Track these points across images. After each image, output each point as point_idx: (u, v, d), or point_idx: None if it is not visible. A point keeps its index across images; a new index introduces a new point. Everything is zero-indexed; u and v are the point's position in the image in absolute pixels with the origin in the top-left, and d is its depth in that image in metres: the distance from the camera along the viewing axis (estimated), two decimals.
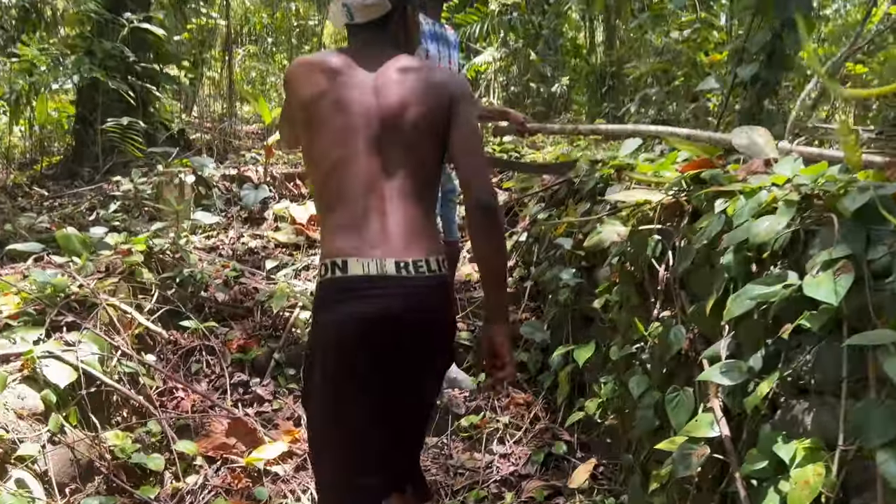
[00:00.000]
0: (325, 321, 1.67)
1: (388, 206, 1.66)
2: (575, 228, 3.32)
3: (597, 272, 3.18)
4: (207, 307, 3.82)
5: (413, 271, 1.62)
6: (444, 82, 1.77)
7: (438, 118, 1.72)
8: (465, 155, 1.72)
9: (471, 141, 1.74)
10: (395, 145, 1.69)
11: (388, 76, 1.73)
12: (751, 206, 2.05)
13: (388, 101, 1.70)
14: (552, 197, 3.92)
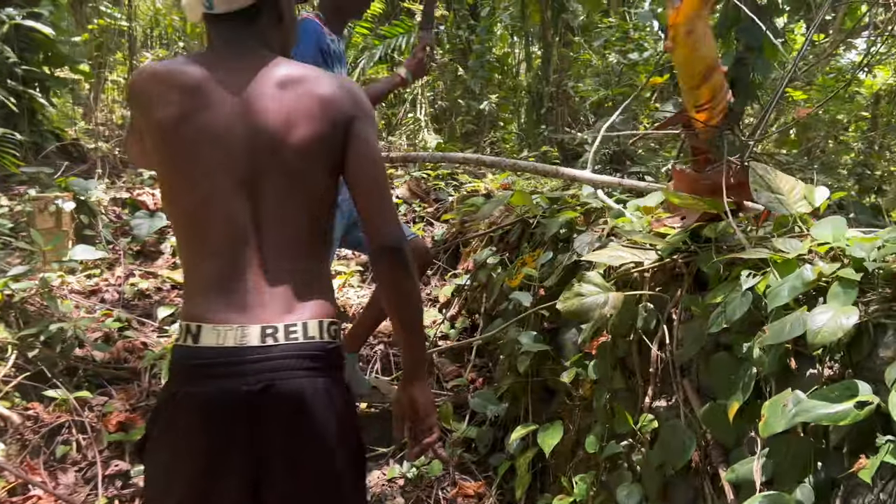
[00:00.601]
0: (166, 400, 1.33)
1: (264, 257, 1.32)
2: (534, 282, 2.79)
3: (562, 335, 2.66)
4: (82, 370, 3.10)
5: (282, 338, 1.28)
6: (336, 96, 1.36)
7: (330, 142, 1.34)
8: (366, 188, 1.36)
9: (372, 170, 1.36)
10: (274, 181, 1.32)
11: (261, 91, 1.33)
12: (792, 286, 1.56)
13: (262, 125, 1.31)
14: (503, 239, 3.39)
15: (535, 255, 2.93)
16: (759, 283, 1.64)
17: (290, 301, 1.31)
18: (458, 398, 3.04)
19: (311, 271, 1.36)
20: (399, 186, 5.14)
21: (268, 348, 1.27)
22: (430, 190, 5.03)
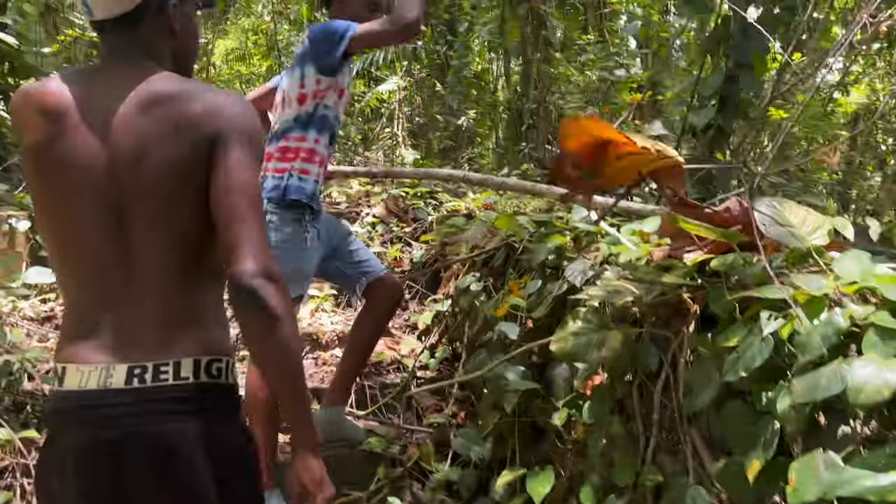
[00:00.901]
0: (40, 452, 1.27)
1: (135, 290, 1.21)
2: (522, 312, 2.61)
3: (552, 371, 2.48)
4: (30, 406, 2.85)
5: (150, 379, 1.16)
6: (204, 115, 1.20)
7: (191, 167, 1.20)
8: (223, 218, 1.18)
9: (230, 198, 1.18)
10: (142, 208, 1.20)
11: (125, 111, 1.21)
12: (824, 335, 1.38)
13: (123, 149, 1.19)
14: (486, 263, 3.21)
15: (521, 282, 2.75)
16: (784, 328, 1.46)
17: (164, 338, 1.19)
18: (440, 435, 2.84)
19: (189, 304, 1.23)
20: (376, 205, 4.95)
21: (134, 391, 1.15)
22: (409, 209, 4.84)
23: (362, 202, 5.18)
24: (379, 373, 3.32)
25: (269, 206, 2.38)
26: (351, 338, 2.86)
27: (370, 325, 2.80)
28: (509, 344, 2.63)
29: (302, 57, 2.44)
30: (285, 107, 2.49)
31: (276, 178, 2.41)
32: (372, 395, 3.17)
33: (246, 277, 1.12)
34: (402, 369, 3.29)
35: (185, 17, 1.33)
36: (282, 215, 2.40)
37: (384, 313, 2.84)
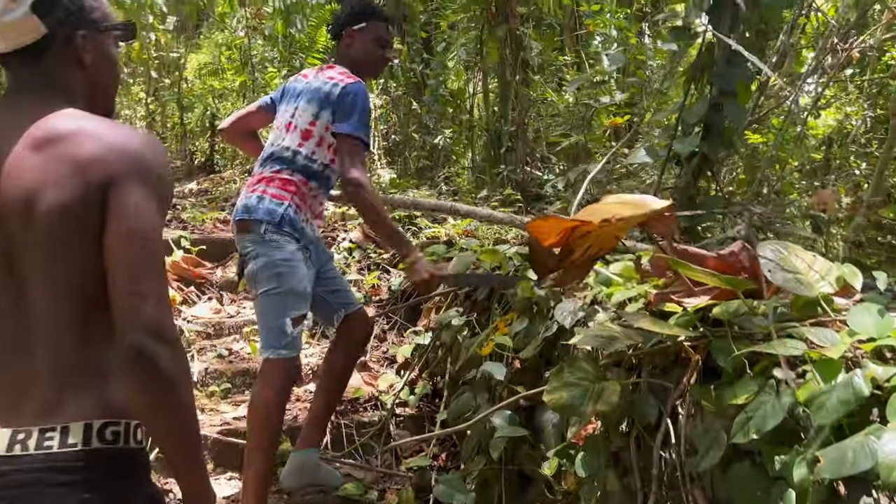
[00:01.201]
0: None
1: (24, 345, 1.09)
2: (508, 352, 2.49)
3: (540, 416, 2.36)
4: None
5: (33, 446, 1.03)
6: (99, 155, 1.09)
7: (84, 213, 1.08)
8: (114, 269, 1.06)
9: (127, 248, 1.07)
10: (32, 256, 1.10)
11: (19, 152, 1.10)
12: (842, 399, 1.29)
13: (12, 191, 1.09)
14: (469, 296, 3.09)
15: (507, 319, 2.64)
16: (800, 390, 1.36)
17: (56, 397, 1.07)
18: (421, 480, 2.70)
19: (88, 359, 1.11)
20: (352, 229, 4.81)
21: (14, 459, 1.03)
22: None
23: (338, 226, 5.04)
24: (355, 410, 3.17)
25: (268, 227, 2.37)
26: (323, 374, 2.74)
27: (343, 359, 2.69)
28: (495, 384, 2.51)
29: (326, 98, 2.44)
30: (289, 132, 2.50)
31: (273, 203, 2.40)
32: (348, 434, 3.02)
33: (134, 335, 1.02)
34: (380, 406, 3.15)
35: (98, 49, 1.23)
36: (280, 234, 2.39)
37: (357, 347, 2.76)
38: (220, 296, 4.13)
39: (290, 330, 2.38)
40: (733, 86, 3.71)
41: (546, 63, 7.56)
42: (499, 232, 4.30)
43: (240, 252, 2.46)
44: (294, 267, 2.39)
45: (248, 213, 2.39)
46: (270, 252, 2.36)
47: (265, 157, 2.52)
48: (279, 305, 2.37)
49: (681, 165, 3.87)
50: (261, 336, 2.44)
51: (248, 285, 2.45)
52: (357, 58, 2.60)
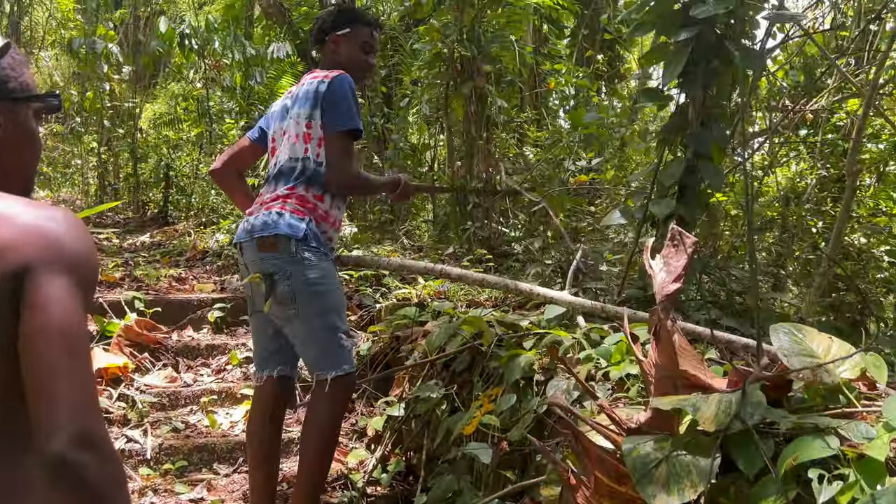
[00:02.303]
0: None
1: None
2: (494, 431, 2.33)
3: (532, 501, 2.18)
4: None
5: None
6: (13, 241, 0.96)
7: (1, 307, 0.95)
8: (34, 371, 0.92)
9: (45, 346, 0.93)
10: None
11: None
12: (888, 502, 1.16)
13: None
14: (448, 366, 2.92)
15: (491, 394, 2.48)
16: (843, 496, 1.24)
17: None
18: None
19: (9, 476, 0.97)
20: None
21: None
22: (353, 295, 4.53)
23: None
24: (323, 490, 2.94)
25: (297, 244, 2.32)
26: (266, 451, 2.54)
27: (271, 427, 2.55)
28: (479, 467, 2.33)
29: (315, 96, 2.40)
30: (290, 143, 2.45)
31: (294, 219, 2.34)
32: None
33: (54, 444, 0.88)
34: (350, 486, 2.93)
35: (13, 122, 1.11)
36: (311, 250, 2.34)
37: (281, 416, 2.64)
38: (175, 362, 3.88)
39: (346, 343, 2.38)
40: (708, 148, 3.70)
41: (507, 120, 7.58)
42: (470, 292, 4.16)
43: (263, 270, 2.34)
44: (332, 283, 2.39)
45: (270, 230, 2.31)
46: (305, 271, 2.30)
47: (273, 176, 2.48)
48: (327, 324, 2.34)
49: (657, 227, 3.83)
50: (311, 358, 2.39)
51: (280, 306, 2.33)
52: (342, 63, 2.55)
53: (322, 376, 2.33)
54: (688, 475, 1.42)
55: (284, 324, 2.38)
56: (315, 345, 2.35)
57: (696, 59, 3.63)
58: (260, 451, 2.48)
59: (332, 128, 2.37)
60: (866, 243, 7.28)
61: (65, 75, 13.33)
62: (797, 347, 1.61)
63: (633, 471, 1.46)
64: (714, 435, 1.55)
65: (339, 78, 2.40)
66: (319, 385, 2.33)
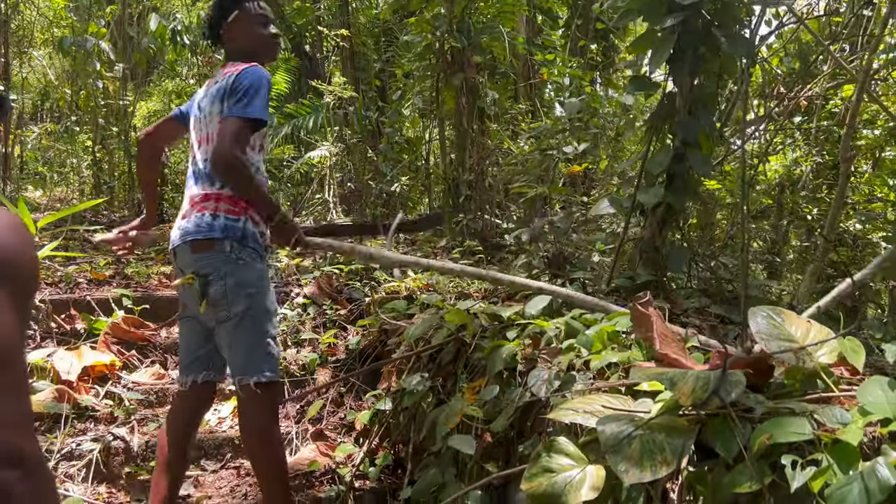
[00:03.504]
0: None
1: None
2: (478, 423, 2.31)
3: (514, 493, 2.17)
4: None
5: None
6: None
7: None
8: None
9: None
10: None
11: None
12: (865, 489, 1.14)
13: None
14: (434, 359, 2.90)
15: (475, 385, 2.46)
16: (815, 481, 1.21)
17: None
18: None
19: None
20: (307, 283, 4.60)
21: None
22: (343, 288, 4.51)
23: (292, 281, 4.82)
24: (311, 484, 2.92)
25: (233, 245, 2.25)
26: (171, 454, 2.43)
27: (182, 434, 2.44)
28: (463, 459, 2.31)
29: (224, 92, 2.29)
30: (208, 144, 2.35)
31: (230, 220, 2.27)
32: None
33: None
34: (338, 480, 2.91)
35: None
36: (247, 251, 2.27)
37: (196, 425, 2.52)
38: (164, 359, 3.85)
39: (273, 350, 2.29)
40: (696, 136, 3.67)
41: (501, 111, 7.54)
42: (460, 285, 4.14)
43: (197, 272, 2.26)
44: (265, 286, 2.31)
45: (204, 233, 2.24)
46: (240, 272, 2.24)
47: (196, 175, 2.37)
48: (258, 327, 2.25)
49: (645, 216, 3.80)
50: (237, 362, 2.27)
51: (213, 308, 2.25)
52: (245, 48, 2.44)
53: (244, 381, 2.24)
54: (661, 452, 1.40)
55: (215, 326, 2.29)
56: (242, 348, 2.26)
57: (683, 45, 3.60)
58: (173, 457, 2.38)
59: (229, 112, 2.23)
60: (861, 230, 7.25)
61: (58, 74, 13.28)
62: (775, 331, 1.59)
63: (605, 444, 1.45)
64: (691, 418, 1.54)
65: (248, 69, 2.29)
66: (245, 392, 2.24)
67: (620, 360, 1.94)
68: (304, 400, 3.51)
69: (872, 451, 1.28)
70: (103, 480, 2.90)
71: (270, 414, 2.29)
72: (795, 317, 1.64)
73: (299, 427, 3.29)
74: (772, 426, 1.37)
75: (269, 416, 2.28)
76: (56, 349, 3.58)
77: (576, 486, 1.56)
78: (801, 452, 1.34)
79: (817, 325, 1.63)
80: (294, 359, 3.76)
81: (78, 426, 3.16)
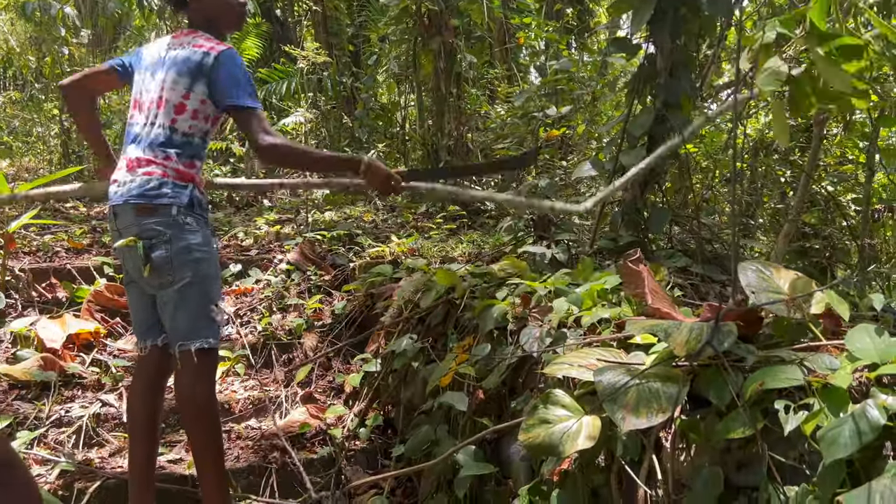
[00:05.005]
0: None
1: None
2: (470, 381, 2.35)
3: (507, 448, 2.22)
4: None
5: None
6: None
7: None
8: None
9: None
10: None
11: None
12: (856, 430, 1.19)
13: None
14: (423, 321, 2.93)
15: (465, 344, 2.50)
16: (807, 423, 1.27)
17: None
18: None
19: None
20: (289, 250, 4.59)
21: None
22: (326, 254, 4.50)
23: (273, 247, 4.80)
24: (302, 446, 2.96)
25: (180, 210, 2.19)
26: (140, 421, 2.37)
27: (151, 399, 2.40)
28: (455, 416, 2.36)
29: (198, 69, 2.22)
30: (161, 108, 2.26)
31: (178, 187, 2.20)
32: (296, 474, 2.80)
33: None
34: (330, 441, 2.95)
35: None
36: (194, 216, 2.22)
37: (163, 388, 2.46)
38: None
39: (217, 317, 2.24)
40: (677, 97, 3.70)
41: (478, 76, 7.50)
42: (444, 249, 4.16)
43: (140, 235, 2.18)
44: (211, 251, 2.25)
45: (151, 199, 2.16)
46: (186, 236, 2.18)
47: (138, 136, 2.29)
48: (202, 293, 2.20)
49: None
50: (179, 327, 2.20)
51: (157, 272, 2.18)
52: (211, 15, 2.37)
53: (185, 347, 2.19)
54: (657, 400, 1.45)
55: (157, 291, 2.24)
56: (186, 313, 2.20)
57: (664, 6, 3.61)
58: (143, 424, 2.33)
59: (240, 102, 2.21)
60: (833, 191, 7.38)
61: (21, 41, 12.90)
62: (764, 284, 1.63)
63: (602, 394, 1.49)
64: (685, 368, 1.59)
65: (227, 53, 2.24)
66: (184, 358, 2.19)
67: (612, 315, 1.98)
68: (291, 364, 3.53)
69: (861, 394, 1.33)
70: (94, 446, 2.90)
71: (209, 381, 2.23)
72: (784, 270, 1.69)
73: (288, 391, 3.32)
74: (764, 374, 1.42)
75: (207, 384, 2.23)
76: (39, 318, 3.55)
77: (573, 435, 1.61)
78: (792, 398, 1.39)
79: (805, 277, 1.68)
80: (280, 324, 3.76)
81: (65, 394, 3.15)
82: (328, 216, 5.56)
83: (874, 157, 6.96)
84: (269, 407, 3.18)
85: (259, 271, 4.34)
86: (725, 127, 8.18)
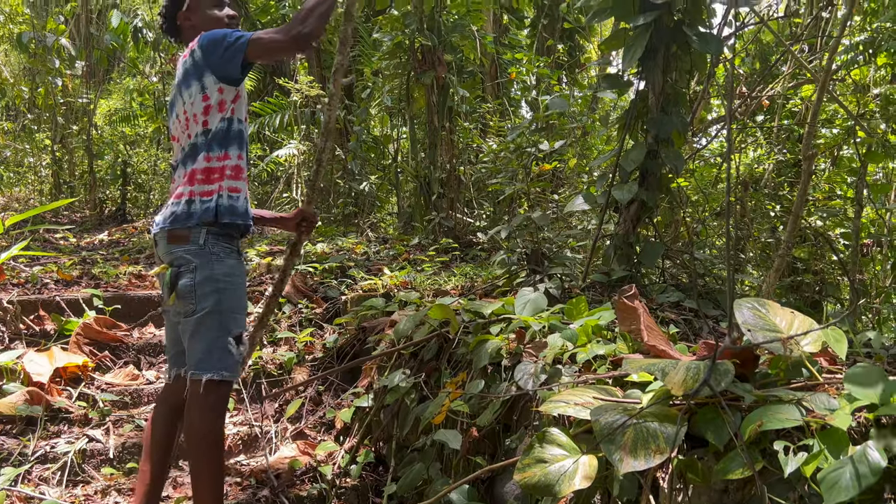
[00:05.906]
0: None
1: None
2: (463, 418, 2.32)
3: (501, 487, 2.19)
4: None
5: None
6: None
7: None
8: None
9: None
10: None
11: None
12: (857, 474, 1.18)
13: None
14: (416, 355, 2.90)
15: (458, 380, 2.47)
16: (808, 465, 1.25)
17: None
18: None
19: None
20: None
21: None
22: (318, 287, 4.48)
23: (265, 279, 4.78)
24: (292, 483, 2.90)
25: (208, 237, 2.21)
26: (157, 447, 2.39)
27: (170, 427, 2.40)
28: (449, 454, 2.33)
29: (195, 69, 2.25)
30: (189, 126, 2.29)
31: (204, 202, 2.22)
32: None
33: None
34: (320, 478, 2.90)
35: None
36: (221, 246, 2.23)
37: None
38: (137, 359, 3.79)
39: (234, 350, 2.22)
40: (669, 133, 3.73)
41: (470, 110, 7.57)
42: (437, 282, 4.15)
43: (171, 263, 2.22)
44: (236, 282, 2.24)
45: (181, 222, 2.20)
46: (212, 265, 2.19)
47: (179, 162, 2.33)
48: (220, 323, 2.19)
49: (619, 212, 3.86)
50: (195, 356, 2.20)
51: (181, 301, 2.20)
52: (203, 32, 2.35)
53: (196, 377, 2.16)
54: (654, 440, 1.43)
55: (181, 319, 2.24)
56: (201, 343, 2.19)
57: (656, 44, 3.66)
58: (159, 444, 2.34)
59: (237, 44, 2.18)
60: (822, 226, 7.44)
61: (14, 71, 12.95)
62: (760, 322, 1.63)
63: (599, 434, 1.47)
64: (682, 407, 1.57)
65: (202, 36, 2.24)
66: (194, 388, 2.16)
67: (607, 352, 1.97)
68: (282, 398, 3.49)
69: (860, 435, 1.32)
70: (79, 483, 2.84)
71: (217, 414, 2.21)
72: (779, 307, 1.69)
73: (278, 426, 3.27)
74: (762, 414, 1.41)
75: (216, 415, 2.20)
76: (26, 350, 3.50)
77: (569, 475, 1.59)
78: (790, 439, 1.38)
79: (801, 315, 1.67)
80: (270, 358, 3.73)
81: (51, 429, 3.09)
82: (320, 248, 5.54)
83: (863, 192, 7.05)
84: (259, 443, 3.13)
85: (249, 304, 4.31)
86: (715, 161, 8.29)
